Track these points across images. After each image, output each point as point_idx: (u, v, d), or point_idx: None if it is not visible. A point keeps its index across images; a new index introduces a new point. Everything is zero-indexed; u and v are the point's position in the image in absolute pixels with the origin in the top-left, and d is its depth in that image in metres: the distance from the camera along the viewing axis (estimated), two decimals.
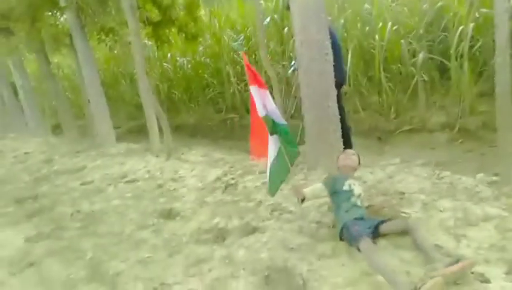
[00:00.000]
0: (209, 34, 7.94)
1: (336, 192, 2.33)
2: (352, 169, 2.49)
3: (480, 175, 2.88)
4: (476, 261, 1.77)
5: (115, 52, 9.01)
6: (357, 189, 2.29)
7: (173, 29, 7.23)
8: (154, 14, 5.97)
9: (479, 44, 4.82)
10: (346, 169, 2.47)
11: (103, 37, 6.89)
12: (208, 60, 8.20)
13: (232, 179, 3.63)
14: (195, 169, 4.20)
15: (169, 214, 3.16)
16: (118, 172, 4.56)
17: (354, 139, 3.97)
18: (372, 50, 5.58)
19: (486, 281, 1.68)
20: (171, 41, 7.64)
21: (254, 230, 2.61)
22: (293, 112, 6.38)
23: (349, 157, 2.51)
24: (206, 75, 8.15)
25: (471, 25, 4.46)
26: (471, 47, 4.69)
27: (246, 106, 7.10)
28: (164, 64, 9.07)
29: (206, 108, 8.21)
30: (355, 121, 5.54)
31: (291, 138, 2.36)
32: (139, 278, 2.25)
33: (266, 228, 2.59)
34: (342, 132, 3.61)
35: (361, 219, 2.12)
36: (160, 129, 5.21)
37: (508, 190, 2.52)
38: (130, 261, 2.47)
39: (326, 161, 3.36)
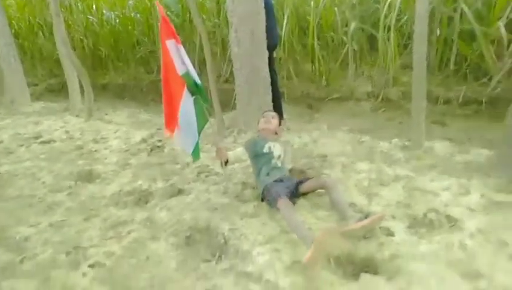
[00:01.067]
0: None
1: (256, 155, 2.34)
2: (272, 132, 2.49)
3: (395, 140, 3.10)
4: (384, 214, 1.91)
5: None
6: (277, 151, 2.31)
7: None
8: None
9: (405, 18, 5.05)
10: (265, 132, 2.48)
11: None
12: (138, 15, 7.61)
13: (159, 141, 3.48)
14: (119, 130, 3.95)
15: (88, 177, 2.96)
16: (31, 132, 4.12)
17: (285, 106, 4.00)
18: (307, 17, 5.58)
19: (391, 234, 1.83)
20: None
21: (179, 192, 2.55)
22: (227, 76, 6.25)
23: (269, 120, 2.52)
24: (136, 32, 7.59)
25: None
26: (398, 20, 4.89)
27: None
28: (89, 17, 8.24)
29: (136, 68, 7.71)
30: (288, 88, 5.60)
31: (207, 100, 2.27)
32: (50, 242, 2.09)
33: (191, 189, 2.55)
34: (274, 96, 3.61)
35: (281, 180, 2.15)
36: (82, 87, 4.79)
37: (417, 153, 2.75)
38: (40, 225, 2.28)
39: (256, 124, 3.36)
